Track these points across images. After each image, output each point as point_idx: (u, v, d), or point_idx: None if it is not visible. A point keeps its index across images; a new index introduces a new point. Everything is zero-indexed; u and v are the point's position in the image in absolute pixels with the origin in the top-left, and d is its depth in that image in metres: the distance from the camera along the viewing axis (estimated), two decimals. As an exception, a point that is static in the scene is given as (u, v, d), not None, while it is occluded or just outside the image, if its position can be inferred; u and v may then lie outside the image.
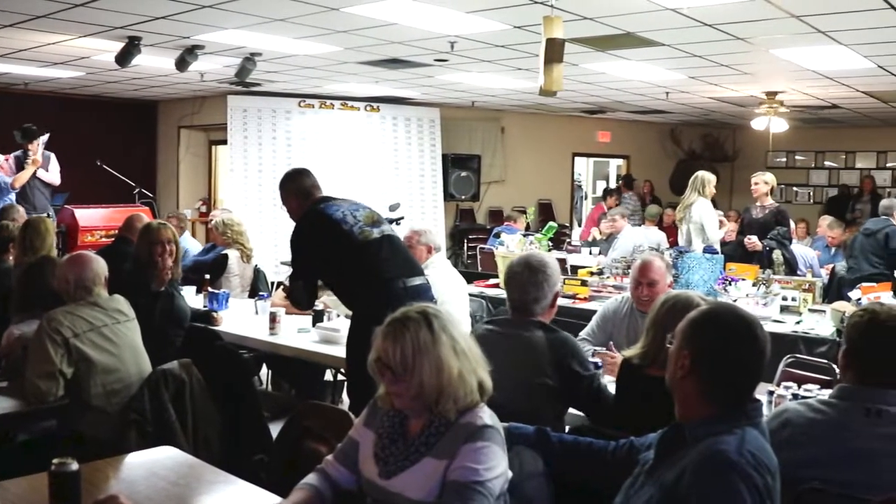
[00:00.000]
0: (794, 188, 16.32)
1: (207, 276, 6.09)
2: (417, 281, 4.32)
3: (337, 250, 4.28)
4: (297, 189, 4.52)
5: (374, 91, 11.52)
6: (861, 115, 13.14)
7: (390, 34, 7.33)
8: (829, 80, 9.44)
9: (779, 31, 6.75)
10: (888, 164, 15.47)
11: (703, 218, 7.43)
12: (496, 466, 2.27)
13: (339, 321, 5.05)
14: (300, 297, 4.46)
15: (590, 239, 10.67)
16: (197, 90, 11.67)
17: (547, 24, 5.38)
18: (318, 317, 5.17)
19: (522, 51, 7.85)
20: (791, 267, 7.37)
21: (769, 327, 5.60)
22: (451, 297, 5.44)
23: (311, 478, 2.52)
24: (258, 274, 6.81)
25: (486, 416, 2.36)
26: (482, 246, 10.57)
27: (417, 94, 11.89)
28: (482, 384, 2.39)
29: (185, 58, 8.16)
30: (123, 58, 7.84)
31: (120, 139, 12.92)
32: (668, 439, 2.25)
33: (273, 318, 5.13)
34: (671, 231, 10.07)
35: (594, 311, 4.88)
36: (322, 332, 4.97)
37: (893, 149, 15.30)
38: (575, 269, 7.94)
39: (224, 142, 11.92)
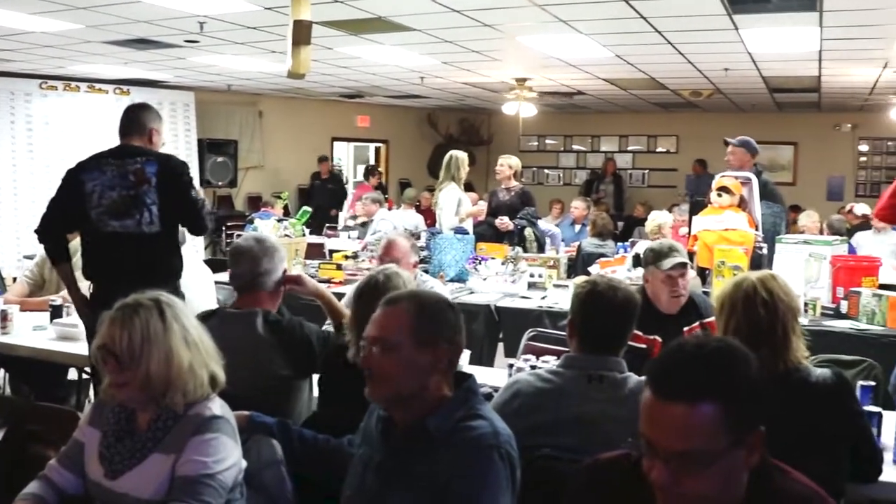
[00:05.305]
0: (546, 170, 17.15)
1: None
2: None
3: (81, 221, 4.15)
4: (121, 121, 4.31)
5: (123, 73, 10.97)
6: (604, 101, 13.92)
7: (135, 12, 6.96)
8: (573, 68, 9.91)
9: (523, 18, 6.99)
10: (629, 148, 16.51)
11: (442, 204, 7.58)
12: (226, 458, 2.21)
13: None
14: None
15: (350, 224, 10.70)
16: (-81, 69, 10.65)
17: (294, 6, 5.30)
18: (56, 312, 4.85)
19: (275, 33, 7.69)
20: (541, 245, 7.72)
21: (517, 303, 5.86)
22: (193, 284, 5.24)
23: (33, 486, 2.36)
24: (-8, 269, 6.34)
25: (216, 406, 2.29)
26: (240, 233, 10.33)
27: (170, 76, 11.45)
28: (214, 378, 2.32)
29: None
30: None
31: None
32: (408, 436, 2.10)
33: (4, 317, 4.76)
34: (428, 213, 10.27)
35: (348, 295, 4.86)
36: (60, 329, 4.66)
37: (634, 133, 16.34)
38: (332, 252, 7.93)
39: (-45, 126, 10.96)
